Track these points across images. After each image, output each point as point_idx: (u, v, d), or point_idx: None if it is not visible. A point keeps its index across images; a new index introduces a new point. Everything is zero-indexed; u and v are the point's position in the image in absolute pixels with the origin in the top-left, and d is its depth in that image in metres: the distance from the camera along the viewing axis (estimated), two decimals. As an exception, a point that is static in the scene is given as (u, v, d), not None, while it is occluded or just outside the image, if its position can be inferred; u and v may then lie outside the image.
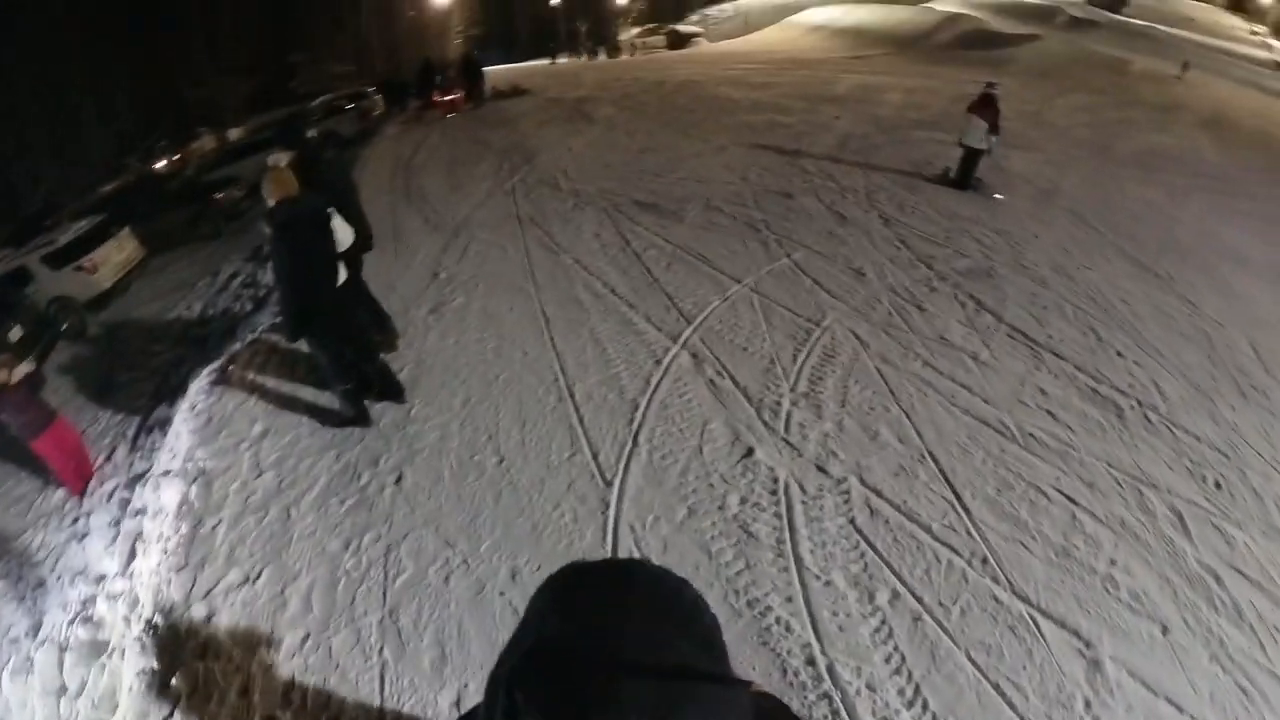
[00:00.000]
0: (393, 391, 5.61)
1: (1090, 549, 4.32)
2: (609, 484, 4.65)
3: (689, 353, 5.78)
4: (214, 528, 4.79)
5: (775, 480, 4.51)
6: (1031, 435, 5.20)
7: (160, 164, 33.06)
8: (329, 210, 5.02)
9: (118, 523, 5.11)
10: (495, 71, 31.75)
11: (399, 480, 4.95)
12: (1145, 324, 7.57)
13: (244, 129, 38.32)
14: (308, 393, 5.86)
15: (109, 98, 44.45)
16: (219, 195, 15.17)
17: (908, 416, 5.12)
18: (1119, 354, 6.74)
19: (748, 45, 47.95)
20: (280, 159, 5.52)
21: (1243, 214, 14.73)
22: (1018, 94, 24.49)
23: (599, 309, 6.54)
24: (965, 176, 10.81)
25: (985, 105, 10.93)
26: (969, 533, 4.28)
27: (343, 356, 5.23)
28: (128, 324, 10.10)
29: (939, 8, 59.19)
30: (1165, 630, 3.88)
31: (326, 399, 5.64)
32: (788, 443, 4.82)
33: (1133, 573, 4.21)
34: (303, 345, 5.34)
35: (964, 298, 7.16)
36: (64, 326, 10.78)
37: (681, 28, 60.92)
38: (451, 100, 19.17)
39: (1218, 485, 5.26)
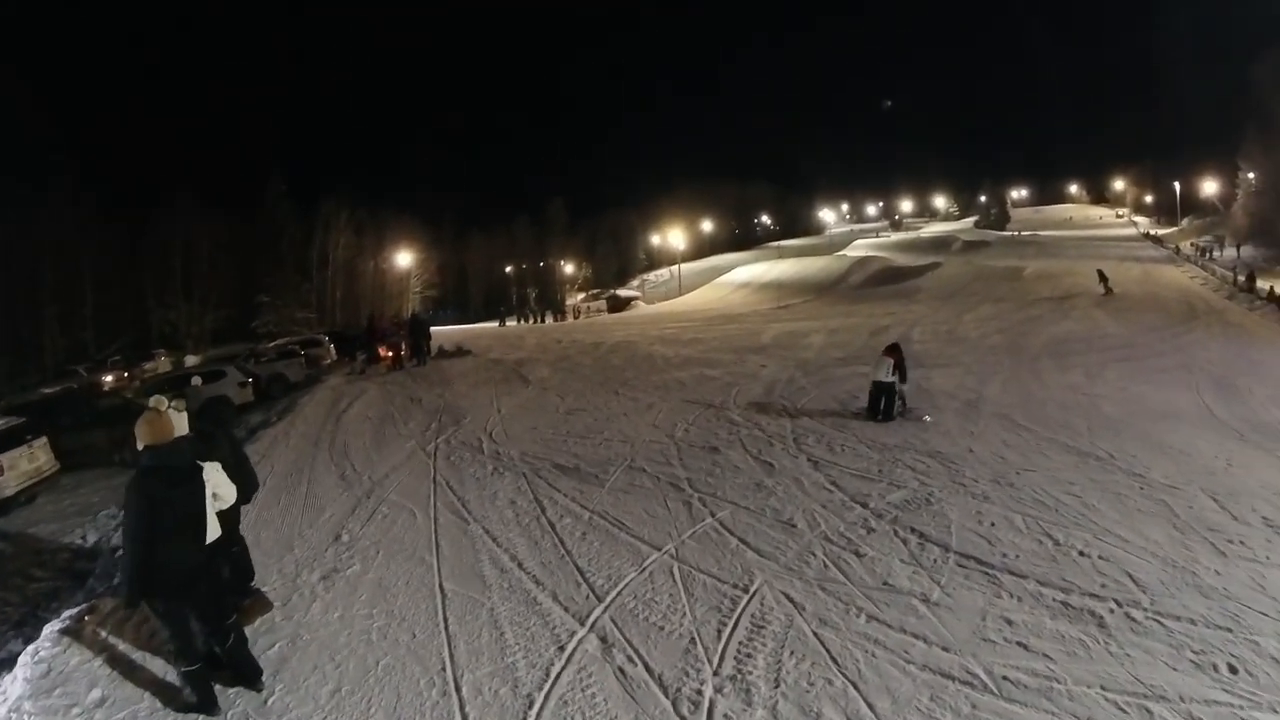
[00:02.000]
0: (248, 675, 4.80)
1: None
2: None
3: (597, 636, 5.05)
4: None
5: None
6: (1006, 678, 4.45)
7: (108, 377, 32.11)
8: (202, 464, 4.62)
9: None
10: (444, 331, 33.08)
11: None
12: (1100, 512, 7.09)
13: (200, 358, 38.73)
14: (158, 665, 5.04)
15: (77, 304, 44.91)
16: None
17: (855, 687, 4.36)
18: (1081, 553, 6.17)
19: (681, 305, 51.51)
20: (163, 401, 5.16)
21: (1154, 372, 15.00)
22: (930, 317, 26.07)
23: (502, 586, 5.90)
24: (888, 408, 10.82)
25: (892, 351, 11.34)
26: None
27: (188, 631, 4.54)
28: (18, 540, 9.16)
29: (850, 254, 65.53)
30: None
31: (176, 676, 4.82)
32: (712, 742, 4.03)
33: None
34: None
35: (905, 533, 6.64)
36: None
37: (622, 292, 66.12)
38: (396, 356, 19.49)
39: (1232, 670, 4.53)
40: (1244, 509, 7.21)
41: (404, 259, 64.99)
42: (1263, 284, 31.08)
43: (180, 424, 5.03)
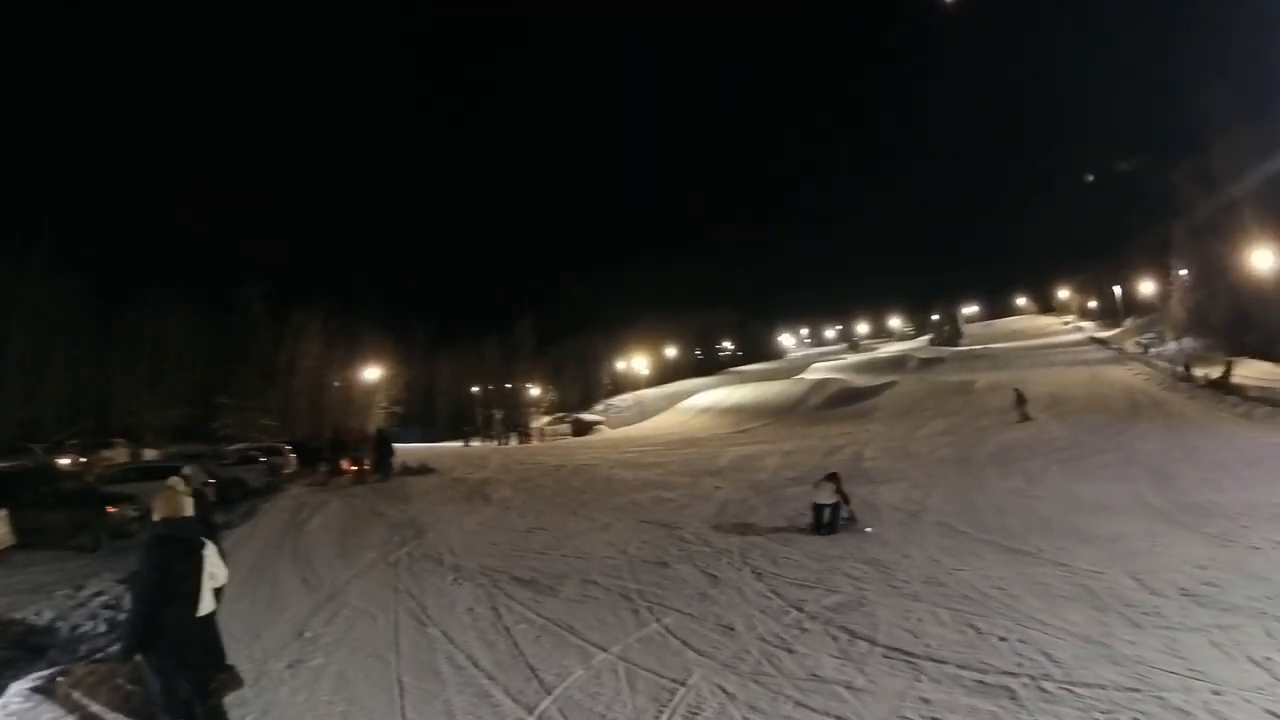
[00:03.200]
0: None
1: None
2: None
3: None
4: None
5: None
6: (920, 750, 4.85)
7: (64, 459, 30.26)
8: (206, 541, 5.10)
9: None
10: (409, 449, 32.69)
11: None
12: (1023, 601, 7.59)
13: (159, 453, 36.81)
14: None
15: (41, 379, 42.68)
16: (112, 509, 14.21)
17: (779, 763, 4.74)
18: (1001, 639, 6.63)
19: (644, 429, 51.83)
20: (180, 484, 5.70)
21: (1094, 469, 15.84)
22: (884, 435, 26.91)
23: (457, 681, 6.23)
24: (832, 520, 11.40)
25: (831, 479, 12.03)
26: None
27: (177, 687, 4.86)
28: (-38, 610, 8.87)
29: (809, 377, 67.17)
30: None
31: None
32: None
33: None
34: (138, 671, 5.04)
35: (835, 632, 7.08)
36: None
37: (585, 416, 66.09)
38: (359, 470, 19.36)
39: None
40: (1162, 584, 7.79)
41: (372, 373, 63.60)
42: (1199, 372, 32.93)
43: (189, 506, 5.53)
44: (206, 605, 5.22)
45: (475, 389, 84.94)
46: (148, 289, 51.11)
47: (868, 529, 11.42)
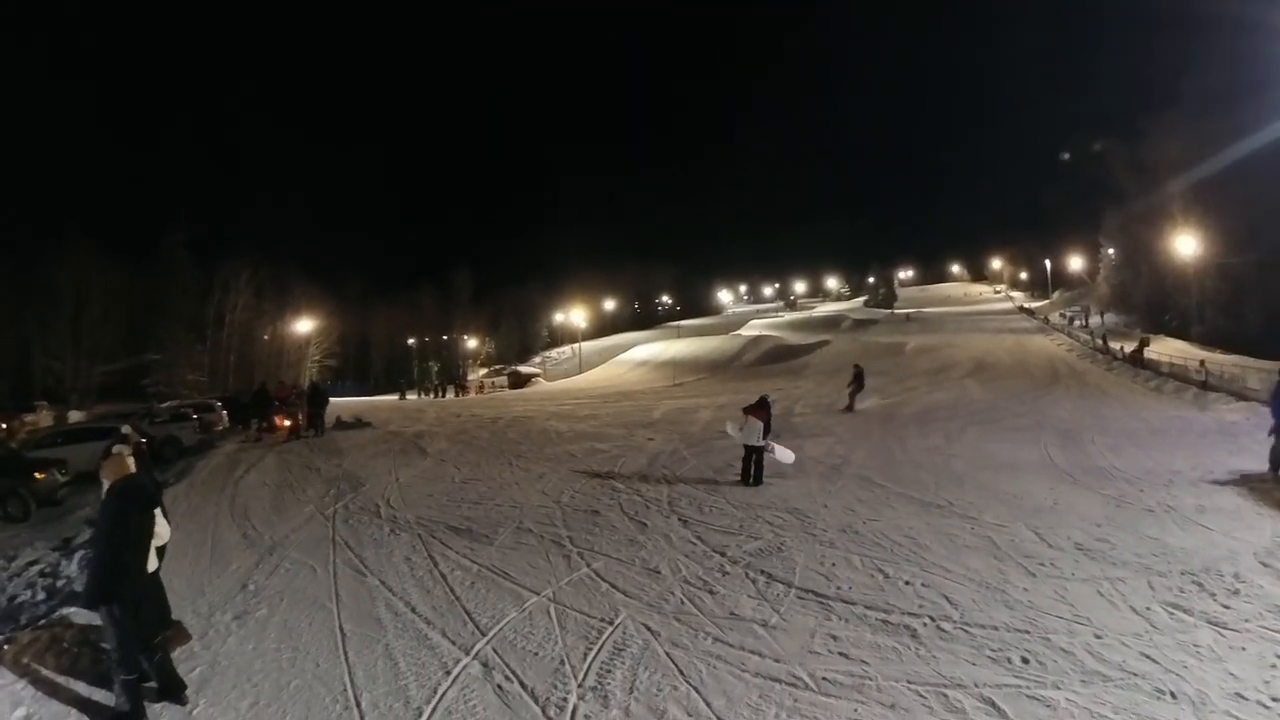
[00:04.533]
0: (173, 690, 5.34)
1: (900, 769, 4.32)
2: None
3: (480, 662, 5.75)
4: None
5: (557, 773, 4.39)
6: (825, 679, 5.31)
7: None
8: (157, 497, 5.34)
9: None
10: (343, 402, 32.57)
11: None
12: (930, 550, 8.21)
13: (86, 414, 36.03)
14: (82, 686, 5.50)
15: None
16: (40, 475, 13.94)
17: (697, 691, 5.15)
18: (907, 583, 7.21)
19: (581, 382, 52.36)
20: (125, 449, 5.83)
21: (1010, 431, 16.81)
22: (814, 392, 27.79)
23: (396, 625, 6.55)
24: (758, 472, 11.80)
25: (760, 408, 12.35)
26: (765, 791, 4.20)
27: (133, 641, 5.08)
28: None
29: (745, 333, 68.46)
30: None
31: (102, 695, 5.30)
32: (572, 735, 4.79)
33: (951, 776, 4.22)
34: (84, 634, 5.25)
35: (755, 575, 7.58)
36: None
37: (522, 369, 66.23)
38: (292, 425, 19.24)
39: (1025, 660, 5.54)
40: (1060, 538, 8.50)
41: (304, 325, 61.79)
42: (1115, 345, 35.03)
43: (134, 467, 5.63)
44: (152, 563, 5.40)
45: (411, 341, 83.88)
46: (63, 240, 47.47)
47: (773, 451, 12.11)
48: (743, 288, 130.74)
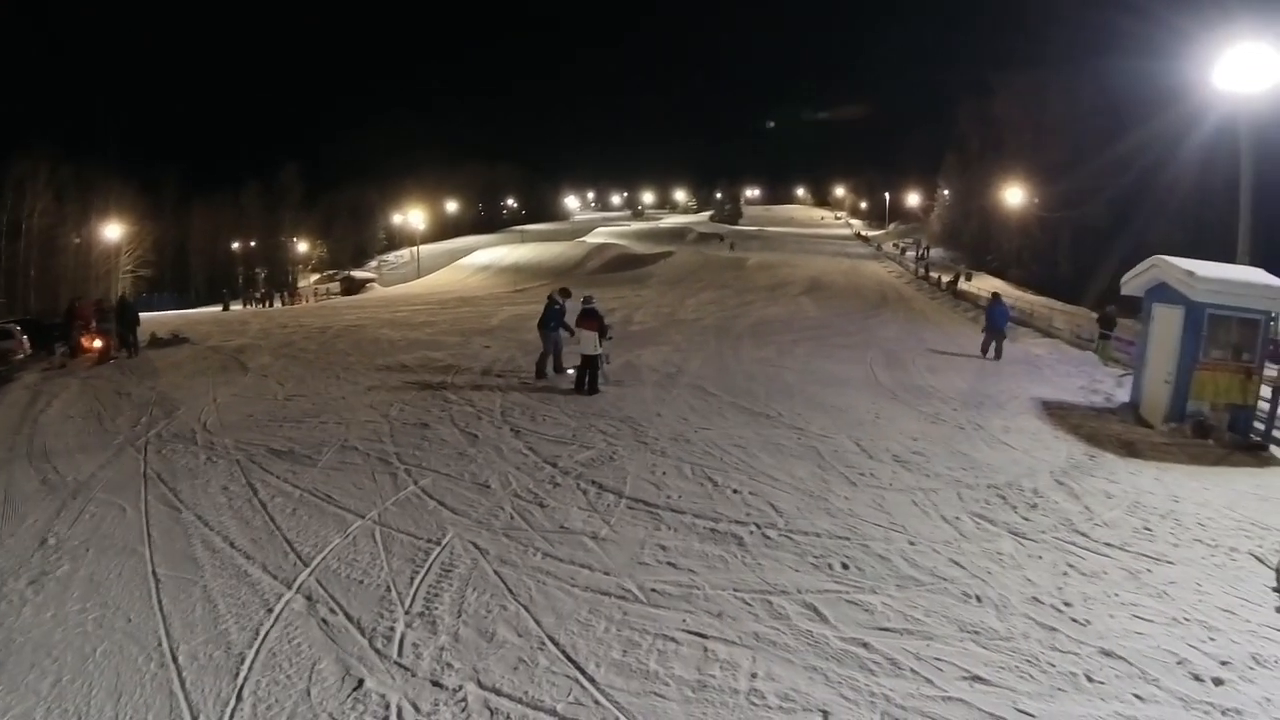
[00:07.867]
0: None
1: (727, 673, 4.44)
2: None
3: (303, 596, 5.42)
4: None
5: (387, 706, 4.22)
6: (654, 590, 5.41)
7: None
8: None
9: None
10: (159, 317, 29.79)
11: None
12: (758, 459, 8.56)
13: None
14: None
15: None
16: None
17: (526, 609, 5.10)
18: (734, 491, 7.49)
19: (419, 288, 50.55)
20: None
21: (839, 348, 17.82)
22: (655, 301, 28.17)
23: (214, 565, 6.06)
24: (593, 380, 11.76)
25: (589, 318, 12.13)
26: (596, 701, 4.22)
27: None
28: None
29: (590, 240, 68.33)
30: (826, 715, 4.04)
31: None
32: (400, 665, 4.59)
33: (776, 677, 4.38)
34: None
35: (586, 485, 7.62)
36: None
37: (357, 274, 63.03)
38: (101, 348, 17.43)
39: (844, 566, 5.88)
40: (879, 450, 9.10)
41: (114, 232, 54.36)
42: (934, 275, 38.08)
43: None
44: None
45: (235, 245, 76.87)
46: None
47: (609, 361, 12.44)
48: (590, 194, 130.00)
